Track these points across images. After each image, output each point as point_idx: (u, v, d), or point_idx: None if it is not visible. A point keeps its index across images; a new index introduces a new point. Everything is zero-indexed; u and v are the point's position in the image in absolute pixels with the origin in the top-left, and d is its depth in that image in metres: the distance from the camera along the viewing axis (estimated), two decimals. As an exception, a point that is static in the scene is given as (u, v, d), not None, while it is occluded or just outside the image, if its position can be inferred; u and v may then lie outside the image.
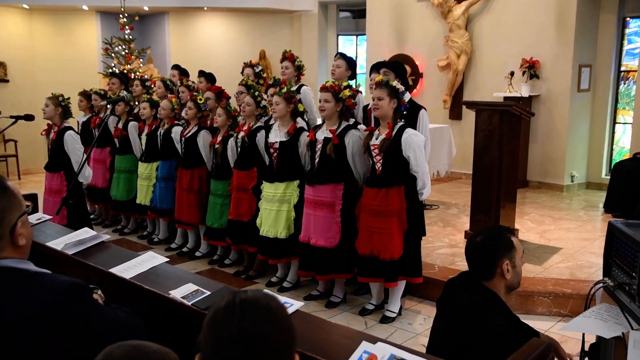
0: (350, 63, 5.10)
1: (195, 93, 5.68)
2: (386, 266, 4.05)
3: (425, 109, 4.63)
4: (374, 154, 4.10)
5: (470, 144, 5.75)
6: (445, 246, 5.57)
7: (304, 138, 4.57)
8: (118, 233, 6.60)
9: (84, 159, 4.20)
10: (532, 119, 7.57)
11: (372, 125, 4.65)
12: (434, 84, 9.78)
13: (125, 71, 9.52)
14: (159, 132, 5.99)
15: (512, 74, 8.36)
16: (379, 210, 4.03)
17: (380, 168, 4.07)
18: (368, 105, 4.89)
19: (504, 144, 5.37)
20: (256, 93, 5.00)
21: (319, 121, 4.68)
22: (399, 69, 4.63)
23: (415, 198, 4.09)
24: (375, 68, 4.72)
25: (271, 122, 5.08)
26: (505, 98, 8.32)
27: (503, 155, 5.37)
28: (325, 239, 4.33)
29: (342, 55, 5.13)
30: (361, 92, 4.94)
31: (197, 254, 5.74)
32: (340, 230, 4.32)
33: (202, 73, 6.59)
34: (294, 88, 4.90)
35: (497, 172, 5.36)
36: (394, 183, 4.01)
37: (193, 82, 6.33)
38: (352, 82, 5.18)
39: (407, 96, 4.20)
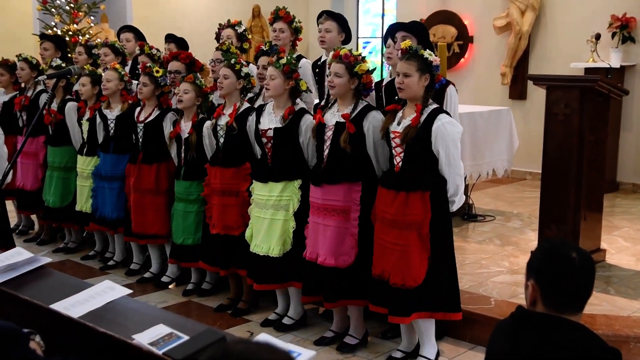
0: (343, 23, 5.11)
1: (148, 64, 5.67)
2: (395, 294, 4.08)
3: (453, 84, 4.64)
4: (393, 144, 4.13)
5: (539, 133, 5.70)
6: (504, 272, 5.54)
7: (307, 122, 4.59)
8: (62, 252, 6.62)
9: (14, 157, 4.19)
10: (624, 98, 7.50)
11: (384, 104, 4.65)
12: (488, 51, 9.74)
13: (70, 33, 9.55)
14: (106, 117, 5.96)
15: (597, 36, 8.31)
16: (395, 220, 4.07)
17: (400, 164, 4.10)
18: (382, 81, 4.91)
19: (585, 132, 5.33)
20: (233, 61, 5.00)
21: (317, 102, 4.69)
22: (420, 32, 4.64)
23: (444, 208, 4.11)
24: (390, 32, 4.72)
25: (260, 102, 5.06)
26: (588, 70, 8.27)
27: (584, 149, 5.33)
28: (337, 256, 4.35)
29: (331, 14, 5.15)
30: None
31: (164, 279, 5.76)
32: (356, 244, 4.34)
33: (171, 37, 6.58)
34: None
35: (576, 171, 5.33)
36: (417, 186, 4.03)
37: (158, 49, 6.30)
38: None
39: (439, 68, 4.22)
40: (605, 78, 5.89)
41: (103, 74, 5.96)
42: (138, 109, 5.75)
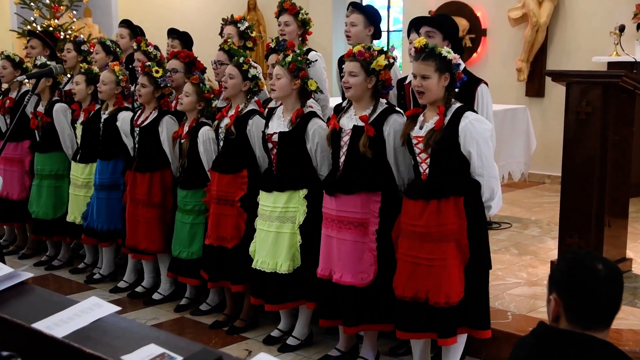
0: (371, 16, 5.10)
1: (148, 63, 5.66)
2: (440, 314, 4.02)
3: (486, 83, 4.61)
4: (416, 151, 4.09)
5: (558, 133, 5.70)
6: (522, 284, 5.54)
7: (315, 127, 4.57)
8: (44, 267, 6.61)
9: None
10: (650, 95, 7.51)
11: (411, 106, 4.64)
12: (503, 45, 9.73)
13: (51, 28, 9.57)
14: (100, 119, 5.99)
15: (621, 28, 8.30)
16: (428, 232, 4.00)
17: (427, 171, 4.06)
18: (405, 78, 4.88)
19: (609, 132, 5.32)
20: (241, 60, 5.00)
21: (333, 101, 4.67)
22: (447, 27, 4.60)
23: (480, 214, 4.07)
24: (414, 26, 4.70)
25: (272, 104, 5.06)
26: (611, 64, 8.27)
27: (608, 150, 5.33)
28: (354, 273, 4.30)
29: (357, 7, 5.15)
30: (395, 59, 4.94)
31: (156, 296, 5.75)
32: (375, 261, 4.30)
33: (174, 33, 6.54)
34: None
35: (599, 175, 5.33)
36: (449, 192, 3.98)
37: (156, 47, 6.28)
38: (378, 43, 5.15)
39: (461, 66, 4.18)
40: (630, 73, 5.90)
41: (100, 76, 5.92)
42: (138, 112, 5.73)
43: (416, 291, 4.03)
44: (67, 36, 9.60)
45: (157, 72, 5.52)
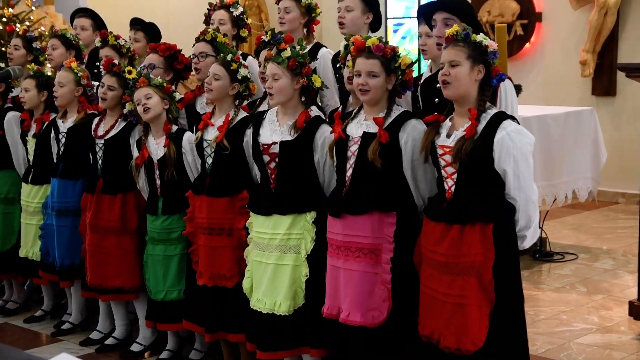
0: (371, 1, 5.19)
1: (115, 61, 5.64)
2: None
3: (509, 77, 4.64)
4: (442, 163, 4.11)
5: (634, 141, 5.68)
6: (593, 330, 5.52)
7: (326, 135, 4.59)
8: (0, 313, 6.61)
9: None
10: None
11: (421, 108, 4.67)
12: (562, 32, 9.74)
13: (4, 19, 9.63)
14: (59, 130, 5.97)
15: None
16: (446, 262, 4.03)
17: (453, 188, 4.08)
18: (420, 77, 4.91)
19: (699, 140, 5.30)
20: (229, 57, 5.02)
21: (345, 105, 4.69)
22: (467, 14, 4.63)
23: (512, 246, 4.09)
24: (424, 15, 4.77)
25: (262, 108, 5.08)
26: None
27: (698, 162, 5.31)
28: (364, 311, 4.31)
29: None
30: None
31: (135, 347, 5.71)
32: (389, 296, 4.30)
33: (138, 23, 6.60)
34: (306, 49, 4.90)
35: (688, 193, 5.30)
36: (476, 217, 4.00)
37: (126, 40, 6.27)
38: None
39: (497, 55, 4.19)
40: None
41: (57, 76, 5.91)
42: (96, 119, 5.73)
43: (432, 331, 4.08)
44: (27, 28, 9.64)
45: (129, 72, 5.50)
